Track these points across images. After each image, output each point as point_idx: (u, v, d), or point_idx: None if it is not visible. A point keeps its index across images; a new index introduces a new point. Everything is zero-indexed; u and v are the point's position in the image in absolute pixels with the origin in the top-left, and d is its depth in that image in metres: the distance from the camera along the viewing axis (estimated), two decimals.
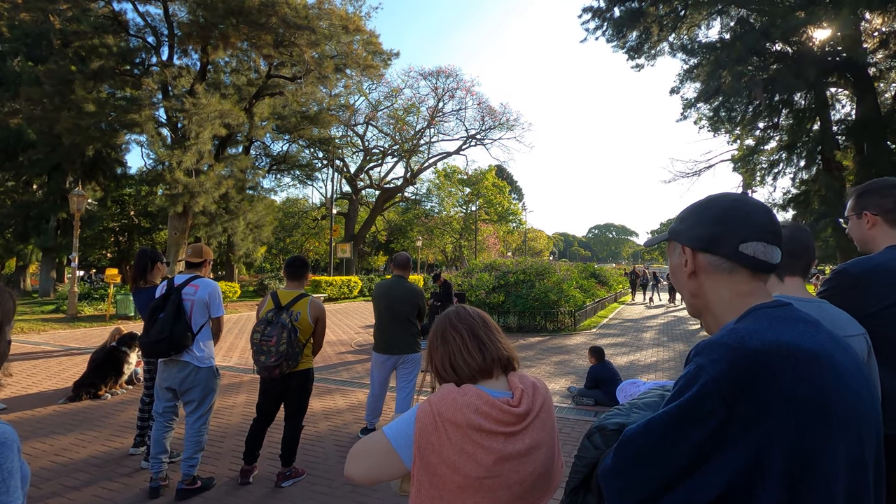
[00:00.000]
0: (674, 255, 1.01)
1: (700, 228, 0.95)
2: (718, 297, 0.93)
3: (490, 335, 1.32)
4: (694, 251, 0.95)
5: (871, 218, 1.83)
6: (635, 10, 17.86)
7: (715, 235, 0.92)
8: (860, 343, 1.43)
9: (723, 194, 0.97)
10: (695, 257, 0.95)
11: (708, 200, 0.98)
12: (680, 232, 0.99)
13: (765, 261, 0.90)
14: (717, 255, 0.92)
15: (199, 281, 3.55)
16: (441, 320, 1.38)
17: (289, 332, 3.43)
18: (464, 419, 1.16)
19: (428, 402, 1.22)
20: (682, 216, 1.01)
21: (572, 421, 5.35)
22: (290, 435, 3.69)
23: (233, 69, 22.33)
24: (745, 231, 0.90)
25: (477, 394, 1.20)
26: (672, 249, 1.02)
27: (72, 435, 4.75)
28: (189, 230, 19.82)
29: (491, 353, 1.29)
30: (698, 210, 0.97)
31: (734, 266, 0.91)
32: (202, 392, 3.51)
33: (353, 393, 6.51)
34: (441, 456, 1.16)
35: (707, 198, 0.99)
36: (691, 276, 0.96)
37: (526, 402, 1.23)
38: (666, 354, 9.49)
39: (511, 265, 16.26)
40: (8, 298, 1.17)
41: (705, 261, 0.94)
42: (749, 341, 0.78)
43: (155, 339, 3.29)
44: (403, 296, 4.53)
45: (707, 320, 0.97)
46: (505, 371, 1.31)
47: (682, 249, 0.97)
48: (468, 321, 1.34)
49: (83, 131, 16.41)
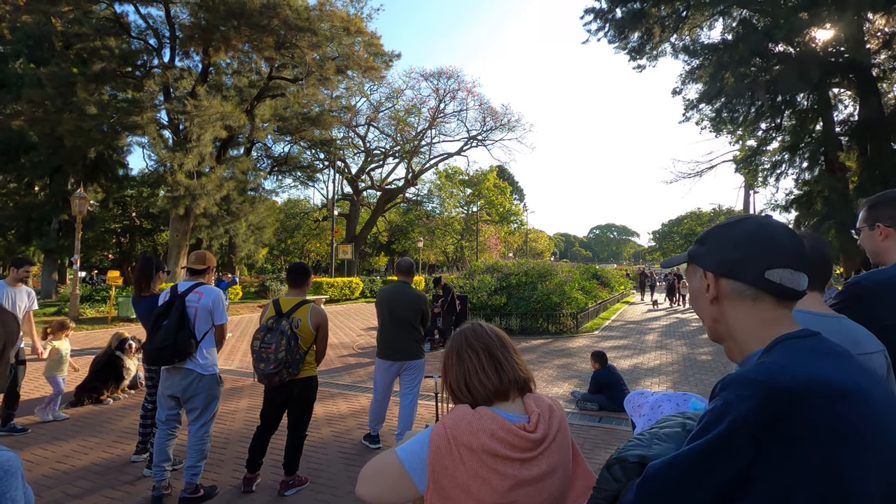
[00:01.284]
0: (694, 278, 0.98)
1: (723, 253, 0.91)
2: (742, 325, 0.90)
3: (507, 355, 1.29)
4: (716, 276, 0.92)
5: (884, 230, 1.80)
6: (637, 10, 17.83)
7: (739, 261, 0.89)
8: (880, 360, 1.40)
9: (746, 216, 0.94)
10: (717, 283, 0.92)
11: (731, 223, 0.94)
12: (701, 255, 0.96)
13: (791, 288, 0.87)
14: (741, 282, 0.89)
15: (203, 288, 3.53)
16: (457, 338, 1.35)
17: (288, 339, 3.41)
18: (479, 444, 1.14)
19: (442, 425, 1.20)
20: (702, 238, 0.98)
21: (576, 427, 5.31)
22: (294, 443, 3.67)
23: (234, 71, 22.35)
24: (770, 257, 0.87)
25: (493, 418, 1.18)
26: (692, 273, 0.99)
27: (74, 441, 4.73)
28: (190, 232, 19.82)
29: (508, 375, 1.26)
30: (720, 233, 0.94)
31: (759, 293, 0.88)
32: (205, 400, 3.49)
33: (355, 398, 6.48)
34: (455, 480, 1.14)
35: (729, 220, 0.95)
36: (713, 302, 0.93)
37: (542, 427, 1.20)
38: (669, 357, 9.45)
39: (513, 267, 16.23)
40: (11, 320, 1.15)
41: (728, 287, 0.90)
42: (779, 377, 0.75)
43: (158, 346, 3.27)
44: (407, 301, 4.49)
45: (729, 346, 0.94)
46: (521, 393, 1.29)
47: (704, 274, 0.94)
48: (485, 340, 1.31)
49: (85, 133, 16.43)
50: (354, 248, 32.31)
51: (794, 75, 13.36)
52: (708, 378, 7.64)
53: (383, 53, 21.00)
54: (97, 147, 18.35)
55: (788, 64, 14.15)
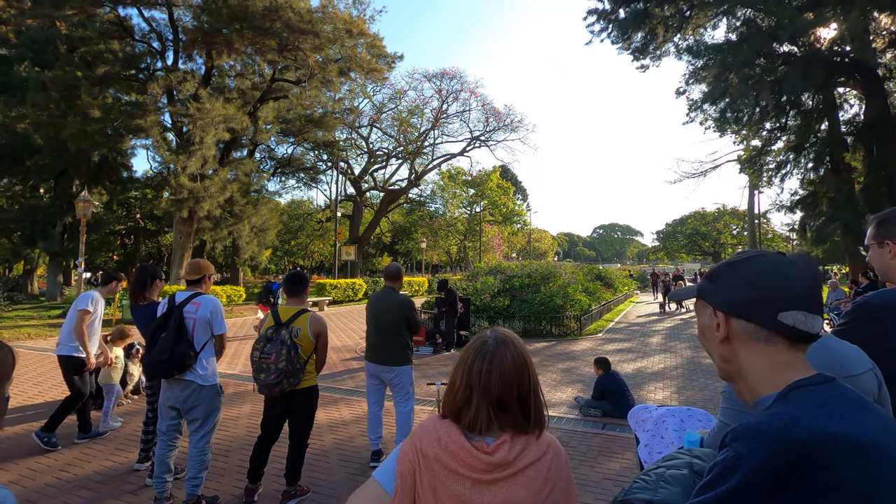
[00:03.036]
0: (703, 314, 0.95)
1: (734, 292, 0.88)
2: (753, 366, 0.87)
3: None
4: (727, 316, 0.89)
5: (894, 248, 1.78)
6: (640, 11, 17.77)
7: (751, 301, 0.86)
8: (870, 379, 1.37)
9: (758, 254, 0.91)
10: (728, 322, 0.89)
11: (742, 260, 0.91)
12: (710, 293, 0.93)
13: (805, 331, 0.84)
14: (754, 323, 0.86)
15: (201, 298, 3.51)
16: (479, 348, 1.25)
17: (288, 348, 3.39)
18: (432, 452, 1.14)
19: (411, 433, 1.22)
20: (712, 274, 0.95)
21: (580, 434, 5.27)
22: (295, 454, 3.65)
23: (237, 73, 22.38)
24: (784, 298, 0.84)
25: (449, 430, 1.17)
26: (701, 308, 0.96)
27: (76, 448, 4.73)
28: (194, 234, 19.87)
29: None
30: (731, 271, 0.91)
31: (772, 335, 0.85)
32: (206, 410, 3.47)
33: (357, 403, 6.46)
34: (417, 488, 1.14)
35: (741, 257, 0.92)
36: (724, 342, 0.90)
37: (503, 452, 1.14)
38: (673, 361, 9.39)
39: (516, 269, 16.18)
40: (7, 353, 1.13)
41: (740, 327, 0.87)
42: (794, 431, 0.72)
43: (157, 359, 3.25)
44: (391, 307, 4.46)
45: (740, 387, 0.91)
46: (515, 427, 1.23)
47: (714, 312, 0.91)
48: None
49: (89, 137, 16.49)
50: (357, 249, 32.33)
51: (800, 76, 13.27)
52: (712, 383, 7.58)
53: (386, 55, 20.98)
54: (101, 150, 18.42)
55: (793, 64, 14.06)
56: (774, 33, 13.07)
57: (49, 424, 4.71)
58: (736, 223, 52.35)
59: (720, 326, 0.90)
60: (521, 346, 1.26)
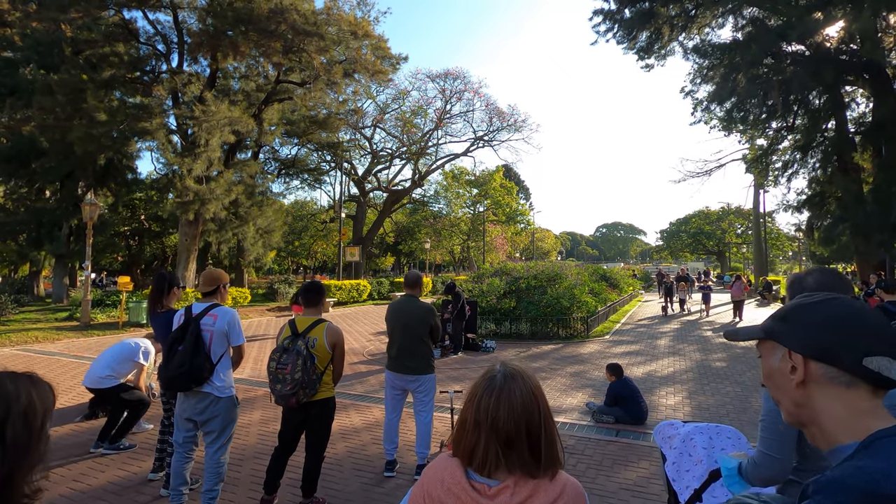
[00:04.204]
0: (772, 357, 0.92)
1: (815, 334, 0.85)
2: (831, 412, 0.83)
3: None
4: (805, 358, 0.86)
5: None
6: (646, 10, 17.68)
7: (835, 345, 0.83)
8: None
9: (835, 298, 0.88)
10: (807, 366, 0.85)
11: (819, 302, 0.88)
12: (784, 334, 0.89)
13: (889, 378, 0.80)
14: (835, 367, 0.83)
15: (218, 310, 3.49)
16: (487, 384, 1.21)
17: (304, 359, 3.38)
18: (437, 494, 1.14)
19: (423, 473, 1.25)
20: (785, 315, 0.92)
21: (594, 441, 5.23)
22: (312, 465, 3.63)
23: (242, 75, 22.39)
24: (869, 343, 0.81)
25: (453, 471, 1.15)
26: (770, 351, 0.93)
27: (89, 458, 4.72)
28: (199, 236, 19.90)
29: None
30: (809, 312, 0.88)
31: (854, 380, 0.81)
32: (222, 422, 3.46)
33: (368, 409, 6.43)
34: None
35: (816, 298, 0.89)
36: (799, 386, 0.87)
37: (505, 497, 1.11)
38: (683, 364, 9.34)
39: (522, 270, 16.14)
40: (48, 392, 1.10)
41: (819, 371, 0.84)
42: (884, 485, 0.68)
43: (174, 373, 3.24)
44: (417, 315, 4.44)
45: (813, 433, 0.88)
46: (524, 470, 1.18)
47: (789, 354, 0.88)
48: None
49: (95, 140, 16.52)
50: (361, 249, 32.34)
51: (808, 75, 13.17)
52: (723, 387, 7.53)
53: (390, 56, 20.95)
54: (107, 153, 18.45)
55: (802, 64, 13.95)
56: (783, 33, 12.97)
57: (115, 437, 4.92)
58: (741, 222, 52.12)
59: (796, 370, 0.86)
60: (531, 381, 1.21)
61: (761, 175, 22.56)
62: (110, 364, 5.02)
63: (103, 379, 4.95)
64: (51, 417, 1.12)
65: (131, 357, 5.12)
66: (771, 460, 1.72)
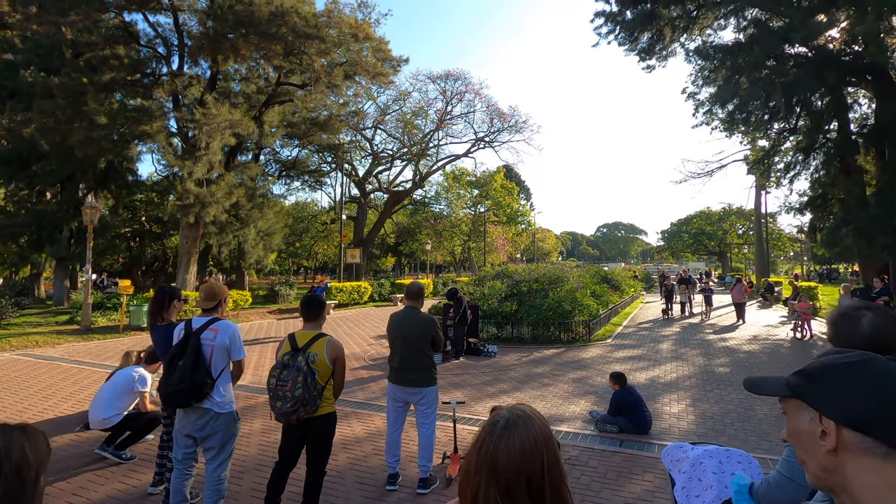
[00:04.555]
0: (800, 418, 0.86)
1: (851, 401, 0.79)
2: (863, 484, 0.78)
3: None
4: (838, 425, 0.80)
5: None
6: (647, 12, 17.62)
7: (873, 414, 0.77)
8: None
9: (873, 359, 0.82)
10: (839, 433, 0.80)
11: (856, 363, 0.82)
12: (815, 396, 0.83)
13: None
14: (872, 438, 0.77)
15: (219, 324, 3.45)
16: (490, 428, 1.15)
17: (304, 375, 3.33)
18: None
19: None
20: (813, 374, 0.86)
21: (597, 452, 5.18)
22: (313, 480, 3.58)
23: (242, 77, 22.36)
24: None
25: None
26: (797, 410, 0.87)
27: (89, 470, 4.68)
28: (200, 238, 19.86)
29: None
30: (844, 374, 0.82)
31: (892, 452, 0.76)
32: (223, 438, 3.41)
33: (370, 418, 6.38)
34: None
35: (851, 359, 0.83)
36: (830, 452, 0.81)
37: None
38: (686, 370, 9.28)
39: (523, 273, 16.08)
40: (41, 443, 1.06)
41: (853, 440, 0.78)
42: None
43: (174, 388, 3.19)
44: (417, 325, 4.41)
45: (842, 500, 0.83)
46: None
47: (820, 419, 0.83)
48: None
49: (95, 143, 16.49)
50: (362, 251, 32.31)
51: (812, 78, 13.10)
52: (727, 395, 7.47)
53: (391, 59, 20.91)
54: (107, 157, 18.41)
55: (804, 66, 13.89)
56: (786, 36, 12.90)
57: (120, 445, 4.98)
58: (742, 223, 52.01)
59: (827, 436, 0.81)
60: (536, 427, 1.13)
61: (763, 176, 22.50)
62: (110, 403, 5.00)
63: (108, 420, 4.97)
64: (45, 469, 1.08)
65: (129, 389, 5.10)
66: (790, 484, 1.67)
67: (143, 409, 5.18)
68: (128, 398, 5.10)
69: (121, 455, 4.91)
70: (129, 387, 5.11)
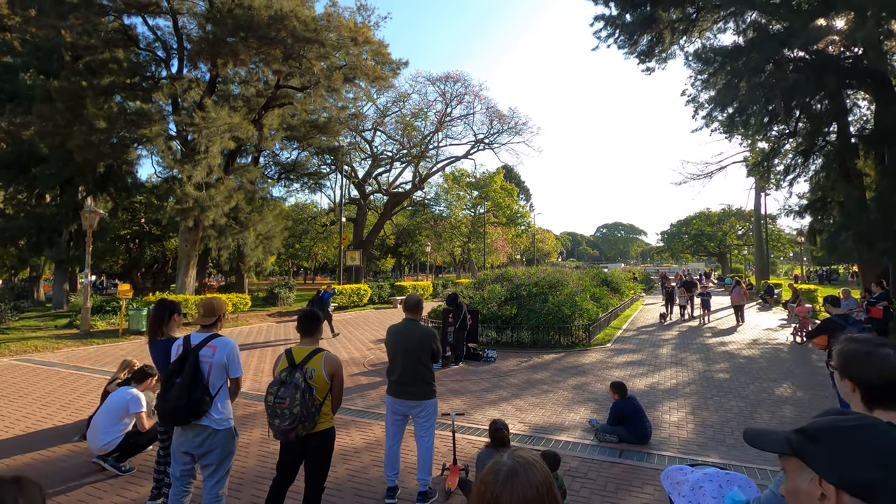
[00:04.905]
0: (799, 477, 0.85)
1: (853, 467, 0.79)
2: None
3: None
4: (839, 490, 0.79)
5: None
6: (647, 15, 17.62)
7: (875, 484, 0.76)
8: None
9: (877, 425, 0.81)
10: (839, 498, 0.79)
11: (859, 428, 0.81)
12: (817, 458, 0.83)
13: None
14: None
15: (217, 341, 3.43)
16: (493, 478, 1.15)
17: (302, 392, 3.30)
18: None
19: None
20: (816, 435, 0.84)
21: (597, 462, 5.17)
22: (312, 496, 3.56)
23: (242, 80, 22.35)
24: None
25: None
26: (796, 469, 0.86)
27: (86, 483, 4.66)
28: (199, 241, 19.85)
29: None
30: (848, 439, 0.81)
31: None
32: (221, 455, 3.40)
33: (369, 427, 6.37)
34: None
35: (855, 423, 0.82)
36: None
37: None
38: (686, 376, 9.27)
39: (523, 276, 16.06)
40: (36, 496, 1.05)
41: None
42: None
43: (172, 406, 3.18)
44: (417, 337, 4.40)
45: None
46: None
47: (819, 482, 0.82)
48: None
49: (95, 147, 16.47)
50: (362, 252, 32.29)
51: (812, 82, 13.09)
52: (727, 401, 7.47)
53: (391, 62, 20.91)
54: (107, 160, 18.40)
55: (804, 70, 13.88)
56: (786, 41, 12.88)
57: (119, 457, 4.99)
58: (741, 224, 52.04)
59: (827, 499, 0.80)
60: (538, 475, 1.13)
61: (763, 179, 22.49)
62: (107, 429, 4.98)
63: (108, 444, 4.95)
64: None
65: (125, 412, 5.09)
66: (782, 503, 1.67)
67: (142, 428, 5.15)
68: (124, 421, 5.08)
69: (120, 467, 4.90)
70: (124, 410, 5.08)
